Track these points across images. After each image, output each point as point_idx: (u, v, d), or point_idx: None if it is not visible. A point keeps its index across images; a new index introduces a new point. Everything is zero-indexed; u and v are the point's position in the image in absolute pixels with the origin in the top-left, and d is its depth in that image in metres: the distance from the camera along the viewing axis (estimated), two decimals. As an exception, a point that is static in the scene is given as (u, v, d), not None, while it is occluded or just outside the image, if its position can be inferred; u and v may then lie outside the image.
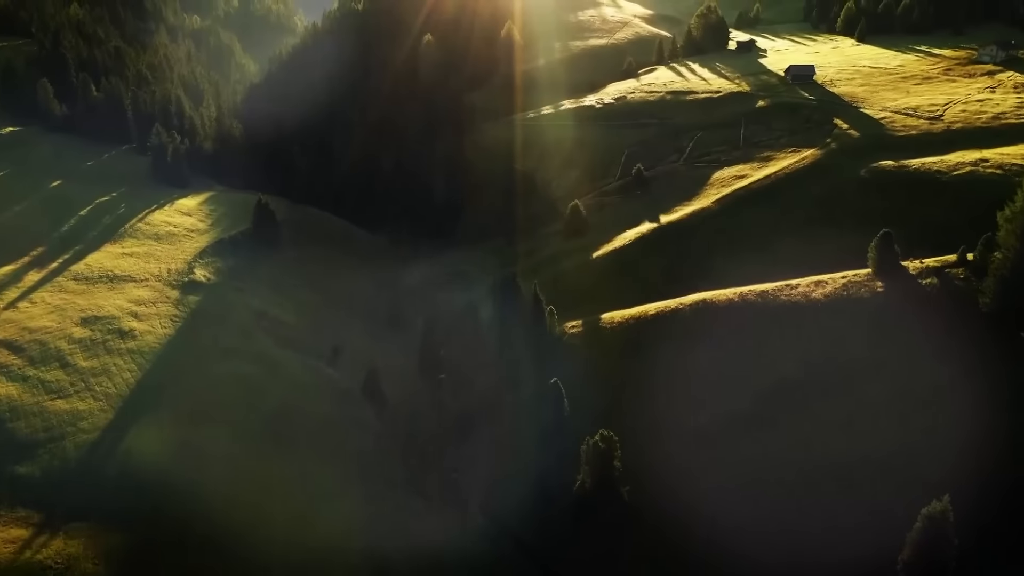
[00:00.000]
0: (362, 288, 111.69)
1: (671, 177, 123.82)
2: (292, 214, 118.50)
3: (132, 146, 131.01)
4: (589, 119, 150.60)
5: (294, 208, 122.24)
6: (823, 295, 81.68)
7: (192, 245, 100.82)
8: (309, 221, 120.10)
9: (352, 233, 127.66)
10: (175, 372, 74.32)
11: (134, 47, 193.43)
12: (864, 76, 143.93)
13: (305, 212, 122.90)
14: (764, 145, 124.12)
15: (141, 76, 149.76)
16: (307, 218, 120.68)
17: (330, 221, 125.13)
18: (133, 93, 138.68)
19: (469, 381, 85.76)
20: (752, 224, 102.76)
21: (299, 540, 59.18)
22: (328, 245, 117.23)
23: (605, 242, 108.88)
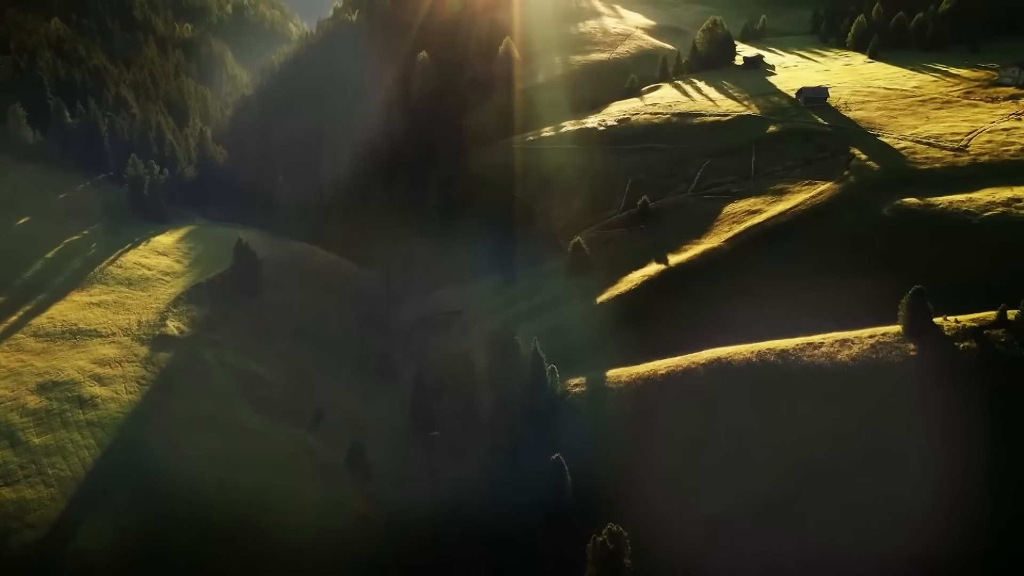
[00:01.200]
0: (349, 333, 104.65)
1: (679, 210, 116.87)
2: (275, 250, 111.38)
3: (109, 174, 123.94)
4: (591, 143, 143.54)
5: (277, 243, 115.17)
6: (849, 357, 74.81)
7: (166, 291, 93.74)
8: (293, 258, 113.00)
9: (340, 268, 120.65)
10: (138, 449, 67.30)
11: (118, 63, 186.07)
12: (880, 99, 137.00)
13: (289, 248, 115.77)
14: (777, 176, 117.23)
15: (120, 99, 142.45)
16: (291, 255, 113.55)
17: (316, 256, 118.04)
18: (110, 119, 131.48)
19: (462, 450, 78.58)
20: (768, 267, 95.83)
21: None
22: (313, 284, 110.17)
23: (610, 284, 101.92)
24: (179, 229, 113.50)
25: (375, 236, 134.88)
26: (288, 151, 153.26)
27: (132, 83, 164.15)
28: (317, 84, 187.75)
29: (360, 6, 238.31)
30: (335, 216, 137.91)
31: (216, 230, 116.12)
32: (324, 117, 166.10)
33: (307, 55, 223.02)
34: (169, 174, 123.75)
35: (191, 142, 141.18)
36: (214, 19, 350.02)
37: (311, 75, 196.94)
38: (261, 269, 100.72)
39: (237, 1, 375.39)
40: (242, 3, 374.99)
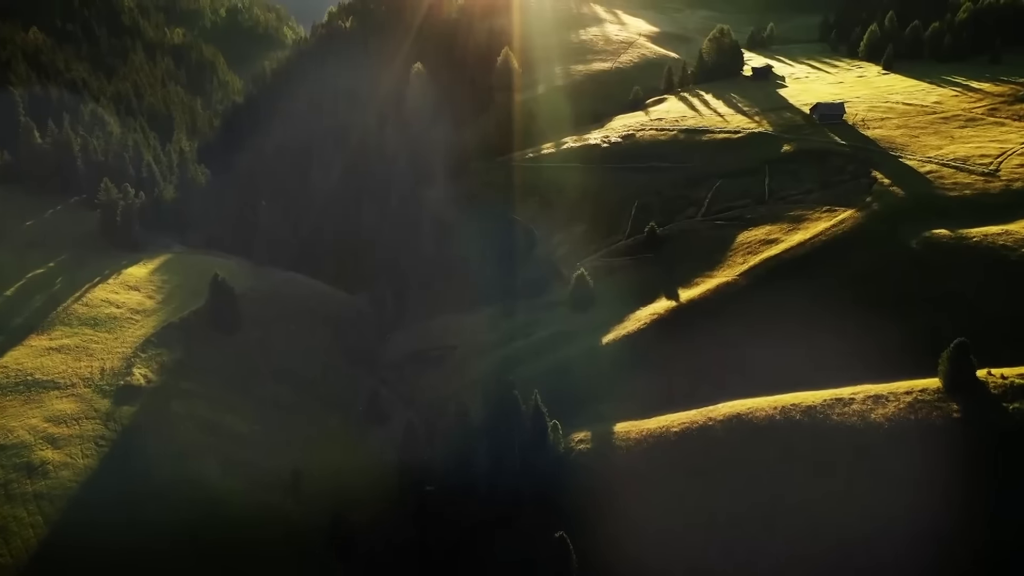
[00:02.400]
0: (336, 371, 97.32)
1: (689, 237, 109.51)
2: (256, 281, 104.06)
3: (83, 197, 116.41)
4: (594, 161, 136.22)
5: (259, 273, 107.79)
6: (884, 417, 67.52)
7: (135, 333, 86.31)
8: (276, 289, 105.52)
9: (327, 297, 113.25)
10: (90, 526, 59.84)
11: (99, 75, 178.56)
12: (899, 116, 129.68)
13: (271, 278, 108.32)
14: (793, 200, 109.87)
15: (96, 116, 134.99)
16: (274, 286, 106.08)
17: (300, 286, 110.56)
18: (83, 139, 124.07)
19: (455, 521, 71.22)
20: (786, 305, 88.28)
21: None
22: (298, 317, 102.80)
23: (616, 321, 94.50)
24: (154, 259, 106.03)
25: (366, 260, 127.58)
26: (276, 169, 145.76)
27: (113, 95, 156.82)
28: (308, 95, 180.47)
29: (355, 12, 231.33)
30: (324, 239, 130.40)
31: (194, 259, 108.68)
32: (314, 131, 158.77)
33: (299, 64, 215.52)
34: (146, 198, 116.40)
35: (173, 159, 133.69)
36: (207, 23, 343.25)
37: (302, 85, 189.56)
38: (239, 305, 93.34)
39: (231, 4, 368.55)
40: (236, 6, 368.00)
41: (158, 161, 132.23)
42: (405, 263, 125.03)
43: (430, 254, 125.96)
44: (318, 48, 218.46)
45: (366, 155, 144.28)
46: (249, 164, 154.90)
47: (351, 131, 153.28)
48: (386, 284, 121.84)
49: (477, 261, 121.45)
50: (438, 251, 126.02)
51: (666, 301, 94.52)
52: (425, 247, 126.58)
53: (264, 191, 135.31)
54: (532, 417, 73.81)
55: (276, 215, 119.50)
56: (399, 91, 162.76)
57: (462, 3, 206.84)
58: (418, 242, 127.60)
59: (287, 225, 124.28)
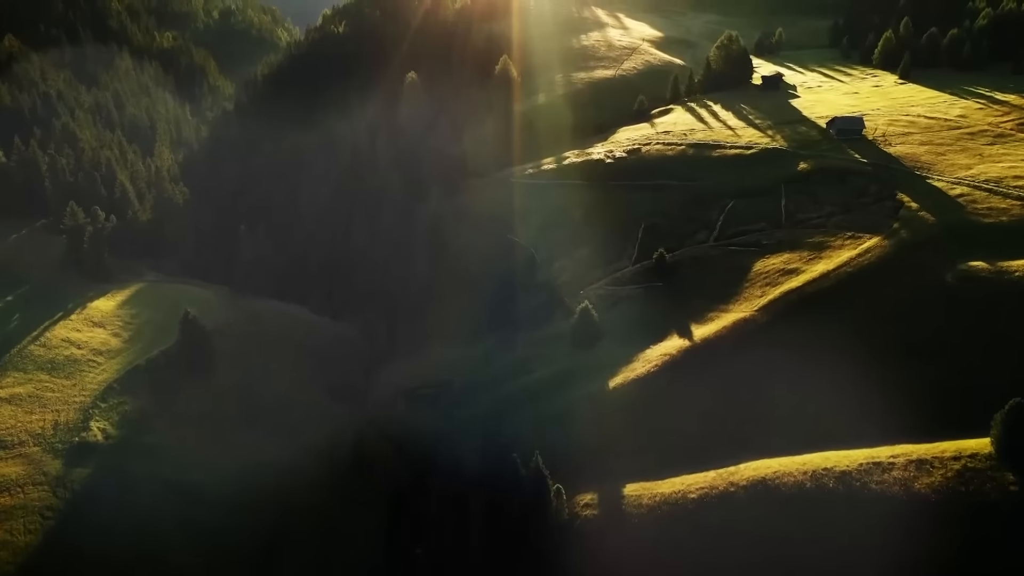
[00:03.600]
0: (321, 413, 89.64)
1: (701, 264, 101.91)
2: (234, 314, 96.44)
3: (48, 221, 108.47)
4: (598, 177, 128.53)
5: (238, 304, 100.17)
6: (930, 487, 59.86)
7: (96, 378, 78.67)
8: (256, 323, 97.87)
9: (312, 329, 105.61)
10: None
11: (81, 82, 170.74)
12: (922, 130, 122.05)
13: (251, 309, 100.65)
14: (812, 224, 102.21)
15: (68, 132, 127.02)
16: (253, 318, 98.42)
17: (283, 317, 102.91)
18: (51, 157, 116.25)
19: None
20: (810, 346, 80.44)
21: None
22: (280, 353, 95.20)
23: (624, 361, 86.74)
24: (124, 289, 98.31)
25: (355, 284, 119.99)
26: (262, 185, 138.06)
27: (92, 107, 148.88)
28: (298, 105, 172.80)
29: (348, 17, 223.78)
30: (311, 261, 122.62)
31: (167, 289, 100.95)
32: (303, 144, 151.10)
33: (290, 70, 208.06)
34: (117, 221, 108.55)
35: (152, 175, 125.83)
36: (200, 25, 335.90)
37: (292, 94, 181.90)
38: (214, 343, 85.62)
39: (224, 6, 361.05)
40: (229, 8, 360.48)
41: (136, 177, 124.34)
42: (396, 288, 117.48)
43: (423, 278, 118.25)
44: (310, 54, 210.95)
45: (357, 170, 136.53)
46: (234, 179, 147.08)
47: (341, 144, 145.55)
48: (376, 310, 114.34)
49: (474, 286, 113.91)
50: (432, 275, 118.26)
51: (678, 339, 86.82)
52: (418, 270, 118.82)
53: (247, 210, 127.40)
54: (533, 481, 66.18)
55: (259, 237, 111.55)
56: (392, 101, 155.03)
57: (459, 7, 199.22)
58: (410, 265, 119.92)
59: (271, 247, 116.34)
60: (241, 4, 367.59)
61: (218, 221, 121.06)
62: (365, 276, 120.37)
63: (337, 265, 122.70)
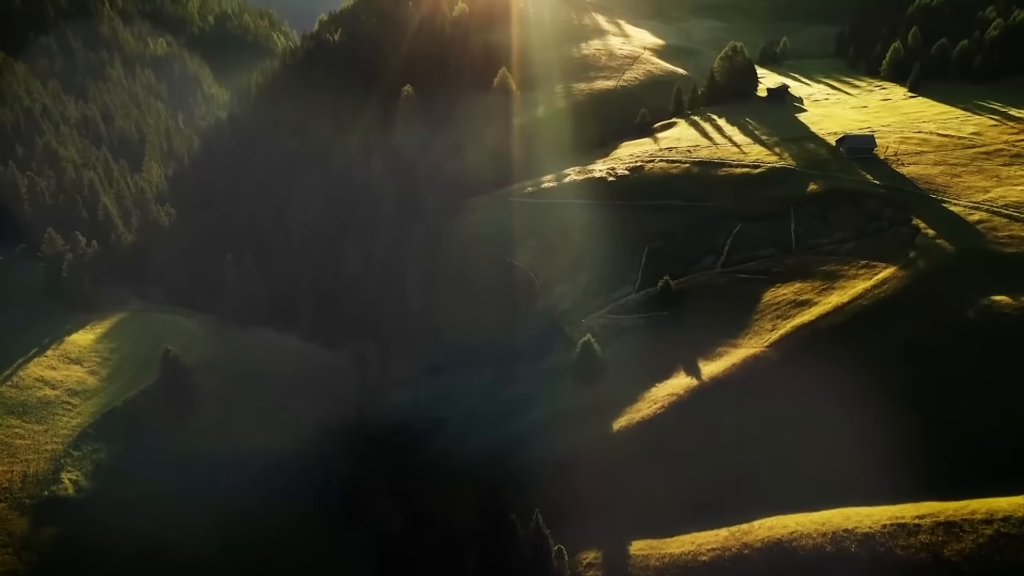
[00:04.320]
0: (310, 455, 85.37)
1: (708, 293, 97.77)
2: (221, 347, 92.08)
3: (25, 247, 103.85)
4: (600, 197, 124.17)
5: (224, 336, 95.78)
6: (960, 555, 55.61)
7: (70, 422, 74.31)
8: (243, 356, 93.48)
9: (303, 359, 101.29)
10: None
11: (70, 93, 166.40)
12: (935, 149, 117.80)
13: (238, 341, 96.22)
14: (824, 251, 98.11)
15: (50, 151, 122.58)
16: (240, 351, 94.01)
17: (272, 350, 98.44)
18: (30, 180, 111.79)
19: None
20: (826, 387, 76.24)
21: None
22: (267, 389, 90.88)
23: (628, 400, 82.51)
24: (104, 320, 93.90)
25: (347, 310, 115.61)
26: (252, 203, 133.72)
27: (79, 121, 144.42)
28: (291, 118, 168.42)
29: (343, 24, 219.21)
30: (301, 285, 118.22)
31: (150, 319, 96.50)
32: (295, 160, 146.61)
33: (284, 80, 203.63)
34: (99, 246, 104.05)
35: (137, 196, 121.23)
36: (195, 30, 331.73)
37: (285, 106, 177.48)
38: (197, 381, 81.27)
39: (220, 11, 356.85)
40: (226, 13, 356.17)
41: (121, 197, 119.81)
42: (390, 314, 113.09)
43: (418, 304, 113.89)
44: (304, 63, 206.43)
45: (350, 188, 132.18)
46: (224, 196, 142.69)
47: (334, 160, 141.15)
48: (369, 338, 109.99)
49: (472, 313, 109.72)
50: (427, 301, 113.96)
51: (685, 377, 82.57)
52: (413, 296, 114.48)
53: (236, 231, 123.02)
54: (532, 542, 61.90)
55: (246, 263, 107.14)
56: (387, 115, 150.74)
57: (457, 15, 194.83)
58: (405, 290, 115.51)
59: (259, 272, 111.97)
60: (237, 8, 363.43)
61: (206, 243, 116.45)
62: (357, 301, 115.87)
63: (328, 289, 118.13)
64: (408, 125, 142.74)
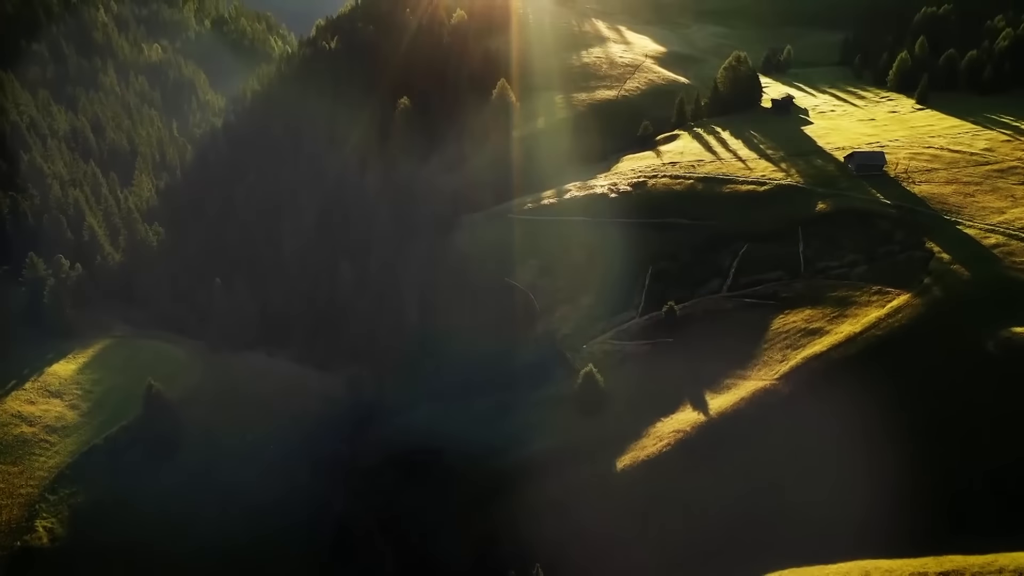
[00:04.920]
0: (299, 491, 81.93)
1: (714, 319, 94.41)
2: (208, 377, 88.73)
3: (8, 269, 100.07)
4: (601, 214, 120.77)
5: (213, 364, 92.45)
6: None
7: (47, 462, 70.94)
8: (232, 385, 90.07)
9: (295, 387, 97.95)
10: None
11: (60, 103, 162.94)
12: (947, 166, 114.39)
13: (228, 369, 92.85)
14: (834, 274, 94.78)
15: (35, 168, 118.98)
16: (229, 380, 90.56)
17: (262, 377, 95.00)
18: (12, 200, 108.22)
19: None
20: (838, 423, 72.96)
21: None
22: (256, 420, 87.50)
23: (632, 435, 79.15)
24: (87, 348, 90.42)
25: (341, 333, 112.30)
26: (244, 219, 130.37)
27: (68, 134, 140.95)
28: (285, 128, 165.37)
29: (340, 31, 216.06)
30: (294, 307, 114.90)
31: (136, 346, 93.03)
32: (289, 174, 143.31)
33: (279, 88, 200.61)
34: (83, 269, 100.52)
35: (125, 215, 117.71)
36: (191, 34, 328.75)
37: (280, 115, 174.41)
38: (181, 417, 77.81)
39: (217, 15, 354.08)
40: (223, 17, 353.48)
41: (109, 214, 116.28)
42: (385, 337, 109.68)
43: (414, 326, 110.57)
44: (300, 71, 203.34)
45: (344, 203, 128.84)
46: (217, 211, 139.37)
47: (328, 175, 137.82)
48: (364, 362, 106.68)
49: (469, 336, 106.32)
50: (424, 323, 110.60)
51: (692, 412, 79.18)
52: (409, 317, 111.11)
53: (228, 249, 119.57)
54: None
55: (236, 286, 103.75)
56: (384, 128, 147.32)
57: (455, 23, 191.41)
58: (401, 311, 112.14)
59: (250, 293, 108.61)
60: (234, 12, 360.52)
61: (196, 262, 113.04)
62: (352, 322, 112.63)
63: (322, 309, 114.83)
64: (405, 138, 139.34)
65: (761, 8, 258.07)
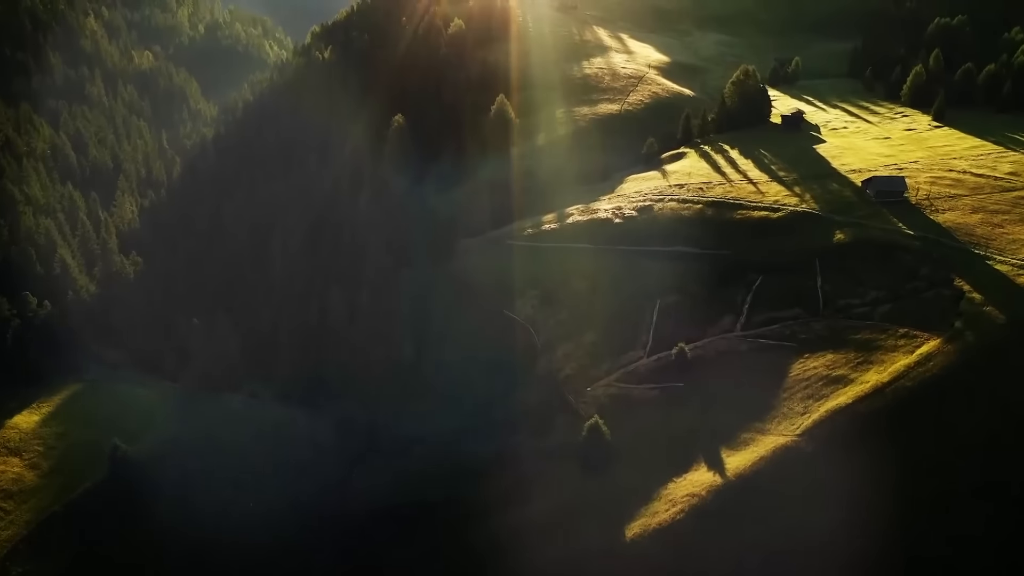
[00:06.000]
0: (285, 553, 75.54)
1: (728, 362, 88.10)
2: (185, 425, 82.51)
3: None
4: (605, 241, 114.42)
5: (191, 410, 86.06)
6: None
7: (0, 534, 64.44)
8: (211, 433, 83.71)
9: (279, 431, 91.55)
10: None
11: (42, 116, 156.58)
12: (971, 191, 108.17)
13: (206, 416, 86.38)
14: (857, 314, 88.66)
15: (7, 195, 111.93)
16: (209, 430, 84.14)
17: (245, 422, 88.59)
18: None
19: None
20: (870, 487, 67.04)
21: None
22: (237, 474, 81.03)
23: (642, 498, 72.86)
24: (53, 396, 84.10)
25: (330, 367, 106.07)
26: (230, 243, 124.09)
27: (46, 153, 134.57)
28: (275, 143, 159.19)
29: (334, 41, 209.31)
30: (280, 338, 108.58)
31: (106, 392, 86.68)
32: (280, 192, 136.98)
33: (271, 99, 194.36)
34: (52, 307, 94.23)
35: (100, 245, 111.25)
36: (184, 40, 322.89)
37: (270, 130, 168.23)
38: (153, 477, 71.44)
39: (211, 20, 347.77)
40: (217, 22, 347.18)
41: (87, 240, 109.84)
42: (377, 373, 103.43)
43: (408, 362, 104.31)
44: (292, 82, 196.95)
45: (335, 227, 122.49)
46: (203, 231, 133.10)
47: (319, 195, 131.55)
48: (354, 401, 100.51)
49: (466, 374, 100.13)
50: (417, 358, 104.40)
51: (707, 471, 72.93)
52: (402, 352, 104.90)
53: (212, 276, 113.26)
54: None
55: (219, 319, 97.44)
56: (377, 145, 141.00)
57: (453, 33, 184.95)
58: (393, 345, 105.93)
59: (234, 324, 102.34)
60: (229, 17, 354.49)
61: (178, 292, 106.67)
62: (342, 358, 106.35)
63: (311, 342, 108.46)
64: (398, 158, 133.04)
65: (765, 15, 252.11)
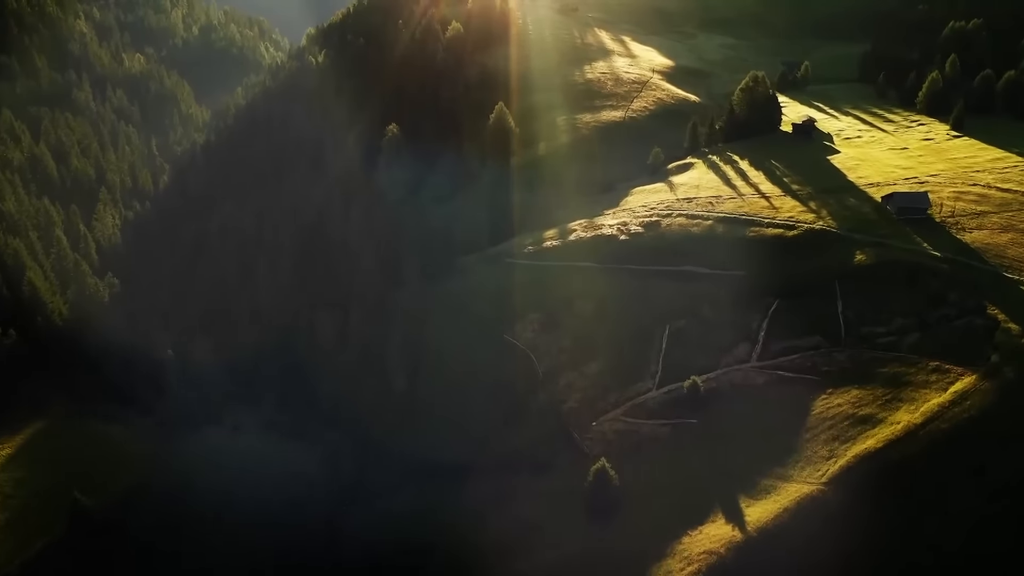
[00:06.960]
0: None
1: (744, 398, 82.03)
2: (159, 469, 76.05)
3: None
4: (610, 260, 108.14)
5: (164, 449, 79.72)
6: None
7: (-53, 600, 58.44)
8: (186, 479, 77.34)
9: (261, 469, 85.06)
10: None
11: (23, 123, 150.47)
12: (997, 208, 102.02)
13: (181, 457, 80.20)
14: (882, 344, 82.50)
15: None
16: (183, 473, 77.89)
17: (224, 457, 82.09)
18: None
19: None
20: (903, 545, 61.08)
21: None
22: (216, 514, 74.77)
23: (653, 554, 66.68)
24: (16, 435, 77.83)
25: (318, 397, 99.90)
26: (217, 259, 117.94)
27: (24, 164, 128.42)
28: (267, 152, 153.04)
29: (328, 44, 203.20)
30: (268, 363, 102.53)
31: (74, 431, 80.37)
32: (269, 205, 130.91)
33: (263, 105, 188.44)
34: (18, 335, 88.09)
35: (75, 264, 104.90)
36: (178, 41, 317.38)
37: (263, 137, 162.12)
38: (121, 531, 65.29)
39: (206, 21, 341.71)
40: (211, 24, 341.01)
41: (60, 259, 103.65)
42: (367, 403, 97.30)
43: (400, 390, 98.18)
44: (286, 87, 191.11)
45: (325, 246, 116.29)
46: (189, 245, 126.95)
47: (310, 209, 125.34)
48: (343, 433, 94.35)
49: (463, 404, 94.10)
50: (411, 387, 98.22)
51: (724, 524, 66.74)
52: (394, 380, 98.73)
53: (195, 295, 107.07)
54: None
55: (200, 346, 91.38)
56: (371, 155, 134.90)
57: (451, 37, 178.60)
58: (385, 372, 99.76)
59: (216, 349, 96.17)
60: (223, 19, 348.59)
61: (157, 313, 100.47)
62: (331, 382, 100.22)
63: (298, 367, 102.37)
64: (392, 169, 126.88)
65: (771, 17, 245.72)
